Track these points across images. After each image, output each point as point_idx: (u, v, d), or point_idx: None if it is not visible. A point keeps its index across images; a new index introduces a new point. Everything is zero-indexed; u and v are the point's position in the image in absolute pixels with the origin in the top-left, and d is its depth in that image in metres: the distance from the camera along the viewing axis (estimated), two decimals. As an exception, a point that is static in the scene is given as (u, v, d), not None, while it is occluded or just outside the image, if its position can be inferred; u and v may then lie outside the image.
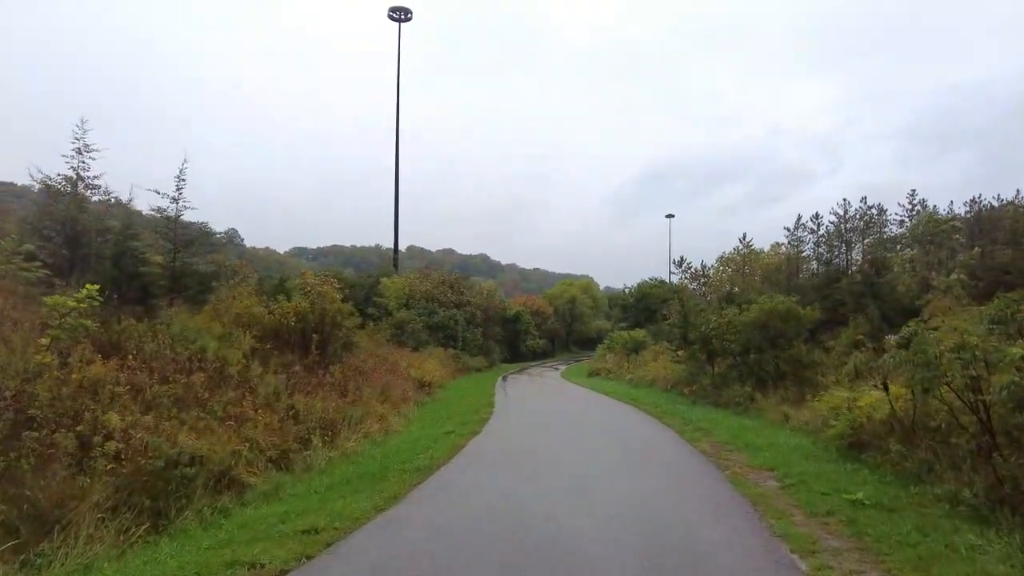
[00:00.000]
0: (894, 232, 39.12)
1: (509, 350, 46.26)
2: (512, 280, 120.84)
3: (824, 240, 44.70)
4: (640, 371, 22.12)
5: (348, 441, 9.98)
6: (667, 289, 50.36)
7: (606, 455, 8.89)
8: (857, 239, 42.43)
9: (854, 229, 42.03)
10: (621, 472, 7.74)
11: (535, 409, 15.01)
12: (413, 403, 15.97)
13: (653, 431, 11.32)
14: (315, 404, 10.00)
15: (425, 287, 34.09)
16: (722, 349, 15.13)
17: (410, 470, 7.94)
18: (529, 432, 11.26)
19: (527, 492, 6.68)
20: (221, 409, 8.44)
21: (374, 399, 13.36)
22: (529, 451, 9.30)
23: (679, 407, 14.27)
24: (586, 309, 64.73)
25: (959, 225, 25.05)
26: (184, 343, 9.75)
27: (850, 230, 42.03)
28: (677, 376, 17.80)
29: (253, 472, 7.68)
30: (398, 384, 15.95)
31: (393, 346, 24.42)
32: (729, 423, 11.65)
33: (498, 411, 14.12)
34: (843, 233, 42.32)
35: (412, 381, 17.57)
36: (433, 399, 17.83)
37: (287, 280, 16.33)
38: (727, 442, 9.79)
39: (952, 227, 25.54)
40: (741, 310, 15.27)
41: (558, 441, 10.09)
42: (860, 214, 42.14)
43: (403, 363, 18.52)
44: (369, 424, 11.50)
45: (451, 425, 12.06)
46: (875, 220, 41.41)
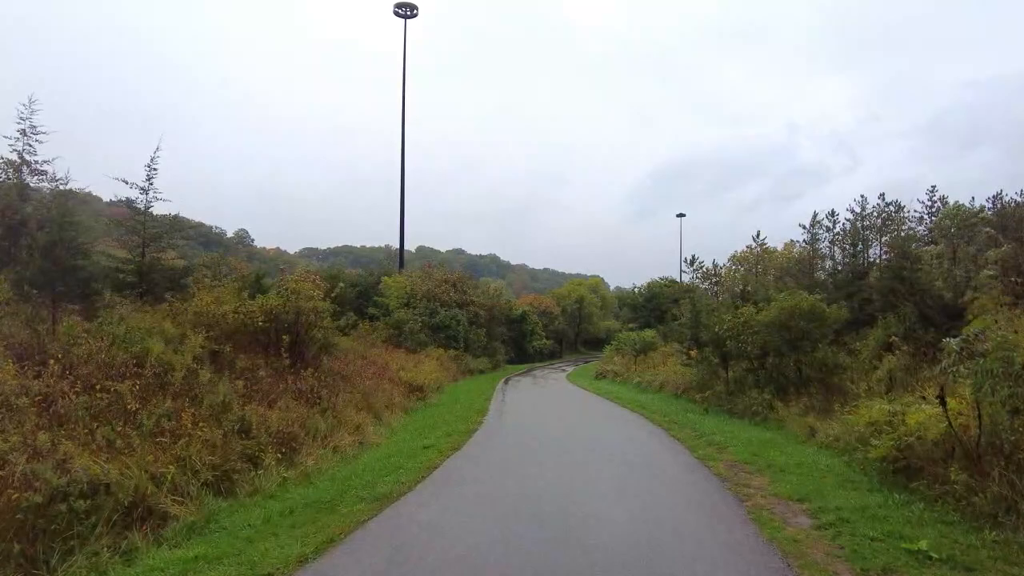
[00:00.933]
0: (914, 229, 37.57)
1: (515, 351, 44.90)
2: (521, 280, 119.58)
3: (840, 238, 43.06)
4: (649, 374, 20.66)
5: (309, 458, 8.71)
6: (678, 288, 48.74)
7: (603, 480, 7.49)
8: (875, 237, 40.75)
9: (872, 227, 40.41)
10: (619, 506, 6.36)
11: (530, 418, 13.63)
12: (401, 410, 14.69)
13: (661, 447, 9.90)
14: (271, 415, 8.72)
15: (427, 286, 32.83)
16: (737, 351, 13.67)
17: (367, 499, 6.63)
18: (516, 448, 9.88)
19: (495, 536, 5.32)
20: (153, 423, 7.19)
21: (352, 407, 12.09)
22: (511, 474, 7.93)
23: (690, 416, 12.84)
24: (595, 309, 63.15)
25: (990, 217, 23.33)
26: (126, 346, 8.53)
27: (868, 227, 40.43)
28: (688, 380, 16.34)
29: (180, 500, 6.42)
30: (384, 390, 14.67)
31: (389, 347, 23.21)
32: (746, 436, 10.22)
33: (490, 420, 12.80)
34: (860, 231, 40.71)
35: (403, 385, 16.29)
36: (426, 405, 16.54)
37: (263, 277, 15.12)
38: (746, 461, 8.38)
39: (981, 219, 23.86)
40: (758, 309, 13.80)
41: (548, 461, 8.70)
42: (878, 211, 40.51)
43: (394, 366, 17.25)
44: (341, 436, 10.23)
45: (434, 437, 10.75)
46: (894, 217, 39.78)
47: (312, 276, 14.76)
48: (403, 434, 11.75)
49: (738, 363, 14.21)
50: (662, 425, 11.85)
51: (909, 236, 34.01)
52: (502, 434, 11.18)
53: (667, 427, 11.52)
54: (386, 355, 18.82)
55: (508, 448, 9.76)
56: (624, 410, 14.72)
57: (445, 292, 33.16)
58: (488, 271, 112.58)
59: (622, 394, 18.36)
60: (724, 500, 6.52)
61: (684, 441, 10.02)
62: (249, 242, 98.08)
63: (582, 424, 12.67)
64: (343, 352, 15.99)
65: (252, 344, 11.86)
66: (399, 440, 10.96)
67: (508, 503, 6.43)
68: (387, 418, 13.19)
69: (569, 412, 14.93)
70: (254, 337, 11.85)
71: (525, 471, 7.96)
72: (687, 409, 14.06)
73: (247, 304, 11.15)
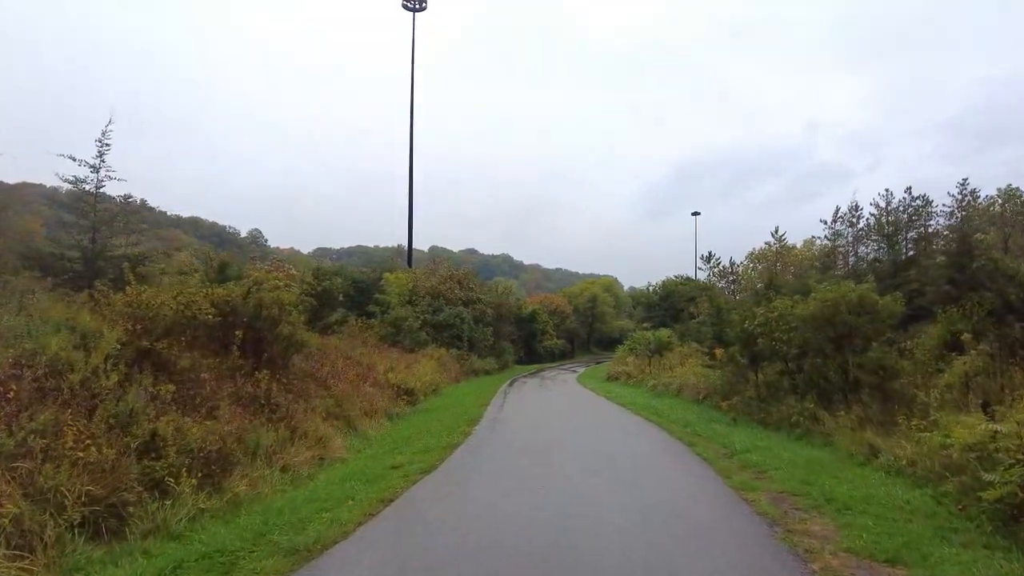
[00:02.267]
0: (941, 224, 35.06)
1: (525, 351, 43.04)
2: (535, 280, 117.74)
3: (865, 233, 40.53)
4: (665, 376, 18.59)
5: (243, 482, 6.89)
6: (694, 286, 46.48)
7: (607, 525, 5.55)
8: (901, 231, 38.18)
9: (897, 222, 37.88)
10: (628, 568, 4.43)
11: (527, 430, 11.68)
12: (385, 417, 12.88)
13: (684, 471, 7.92)
14: (195, 429, 6.90)
15: (430, 283, 31.08)
16: (770, 351, 11.63)
17: (285, 550, 4.79)
18: (501, 472, 7.92)
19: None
20: (15, 441, 5.42)
21: (319, 415, 10.28)
22: (485, 513, 5.97)
23: (716, 427, 10.83)
24: (608, 308, 60.99)
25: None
26: (15, 343, 6.79)
27: (892, 223, 37.90)
28: (710, 384, 14.29)
29: (20, 554, 4.61)
30: (366, 394, 12.86)
31: (384, 347, 21.45)
32: (788, 455, 8.20)
33: (480, 432, 10.91)
34: (884, 226, 38.16)
35: (390, 389, 14.47)
36: (416, 410, 14.71)
37: (228, 266, 13.40)
38: (795, 492, 6.39)
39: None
40: (793, 301, 11.75)
41: (539, 491, 6.77)
42: (904, 206, 37.96)
43: (382, 367, 15.43)
44: (296, 452, 8.41)
45: (409, 453, 8.90)
46: (921, 212, 37.23)
47: (285, 266, 12.98)
48: (376, 447, 9.91)
49: (770, 365, 12.16)
50: (683, 439, 9.86)
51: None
52: (488, 451, 9.26)
53: (690, 442, 9.52)
54: (377, 355, 17.02)
55: (490, 472, 7.82)
56: (638, 419, 12.72)
57: (450, 289, 31.39)
58: (500, 271, 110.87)
59: (636, 399, 16.35)
60: (778, 560, 4.55)
61: (712, 462, 8.02)
62: (263, 242, 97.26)
63: (588, 438, 10.68)
64: (322, 352, 14.23)
65: (209, 342, 10.12)
66: (368, 456, 9.12)
67: (470, 564, 4.52)
68: (364, 427, 11.37)
69: (575, 422, 12.95)
70: (209, 333, 10.10)
71: (505, 509, 6.01)
72: (711, 418, 12.04)
73: (188, 294, 9.36)
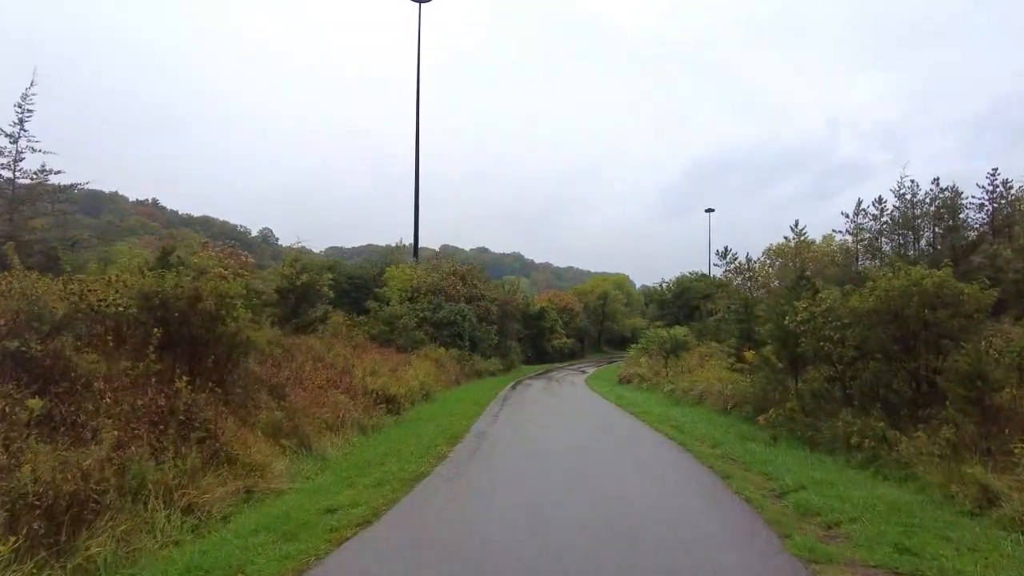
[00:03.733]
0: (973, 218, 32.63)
1: (533, 350, 40.88)
2: (545, 279, 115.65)
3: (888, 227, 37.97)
4: (684, 380, 16.30)
5: (105, 538, 4.86)
6: (709, 283, 44.06)
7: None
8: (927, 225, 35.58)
9: (924, 215, 35.28)
10: None
11: (518, 451, 9.46)
12: (357, 430, 10.84)
13: (721, 518, 5.74)
14: (41, 463, 4.87)
15: (432, 279, 29.04)
16: (816, 353, 9.39)
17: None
18: (469, 523, 5.81)
19: None
20: None
21: (264, 432, 8.26)
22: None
23: (753, 448, 8.62)
24: (620, 306, 58.57)
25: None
26: None
27: (919, 216, 35.30)
28: (740, 392, 12.00)
29: None
30: (334, 404, 10.81)
31: (375, 347, 19.45)
32: (862, 496, 5.97)
33: (458, 455, 8.75)
34: (911, 219, 35.57)
35: (367, 396, 12.41)
36: (398, 421, 12.65)
37: (172, 252, 11.42)
38: (897, 569, 4.21)
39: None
40: (844, 293, 9.51)
41: (513, 555, 4.65)
42: (932, 197, 35.34)
43: (361, 370, 13.38)
44: (211, 485, 6.38)
45: (361, 486, 6.85)
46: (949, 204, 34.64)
47: (241, 253, 10.97)
48: (329, 474, 7.85)
49: (816, 369, 9.93)
50: (715, 467, 7.64)
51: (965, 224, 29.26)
52: (461, 484, 7.14)
53: (725, 472, 7.29)
54: (359, 356, 14.98)
55: (455, 522, 5.70)
56: (655, 435, 10.48)
57: (452, 285, 29.33)
58: (511, 270, 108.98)
59: (651, 407, 14.11)
60: None
61: (760, 507, 5.80)
62: (273, 241, 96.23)
63: (592, 466, 8.35)
64: (289, 354, 12.23)
65: (122, 343, 8.14)
66: (311, 489, 7.05)
67: None
68: (323, 445, 9.31)
69: (578, 440, 10.65)
70: (121, 331, 8.12)
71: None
72: (743, 434, 9.82)
73: (85, 282, 7.37)
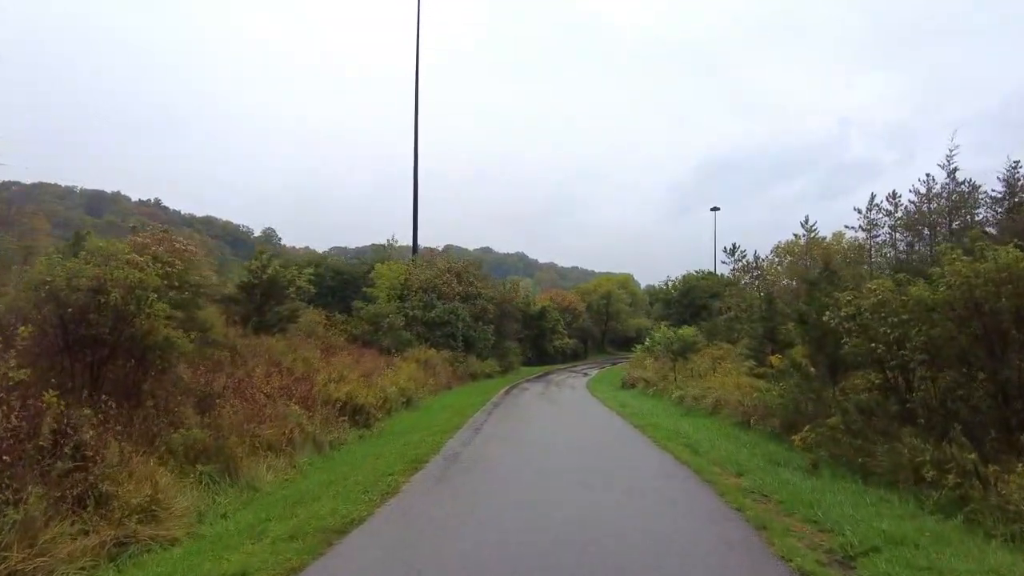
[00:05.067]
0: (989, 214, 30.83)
1: (534, 351, 39.00)
2: (549, 279, 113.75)
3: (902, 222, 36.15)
4: (694, 387, 14.35)
5: None
6: (716, 281, 42.10)
7: None
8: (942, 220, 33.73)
9: (939, 210, 33.41)
10: None
11: (493, 478, 7.62)
12: (313, 449, 9.05)
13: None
14: None
15: (425, 275, 27.23)
16: (865, 356, 7.49)
17: None
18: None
19: None
20: None
21: (172, 456, 6.47)
22: None
23: (788, 479, 6.70)
24: (624, 306, 56.54)
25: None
26: None
27: (935, 211, 33.45)
28: (764, 402, 10.04)
29: None
30: (283, 417, 8.99)
31: (356, 348, 17.67)
32: (965, 570, 4.10)
33: (415, 488, 6.85)
34: (926, 214, 33.71)
35: (329, 406, 10.60)
36: (368, 435, 10.83)
37: (84, 236, 9.64)
38: None
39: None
40: (898, 282, 7.59)
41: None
42: (948, 192, 33.47)
43: (324, 376, 11.56)
44: (61, 536, 4.57)
45: (270, 539, 4.99)
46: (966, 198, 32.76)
47: (176, 240, 9.16)
48: (247, 514, 6.01)
49: (862, 376, 8.03)
50: (745, 508, 5.72)
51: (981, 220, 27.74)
52: (401, 541, 5.27)
53: (758, 518, 5.35)
54: (328, 359, 13.17)
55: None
56: (665, 457, 8.48)
57: (446, 283, 27.51)
58: (515, 269, 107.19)
59: (659, 418, 12.20)
60: None
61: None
62: (276, 241, 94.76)
63: (582, 512, 6.42)
64: (240, 357, 10.46)
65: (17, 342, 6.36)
66: (211, 538, 5.23)
67: None
68: (259, 471, 7.49)
69: (570, 464, 8.66)
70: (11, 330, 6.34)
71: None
72: (773, 457, 7.90)
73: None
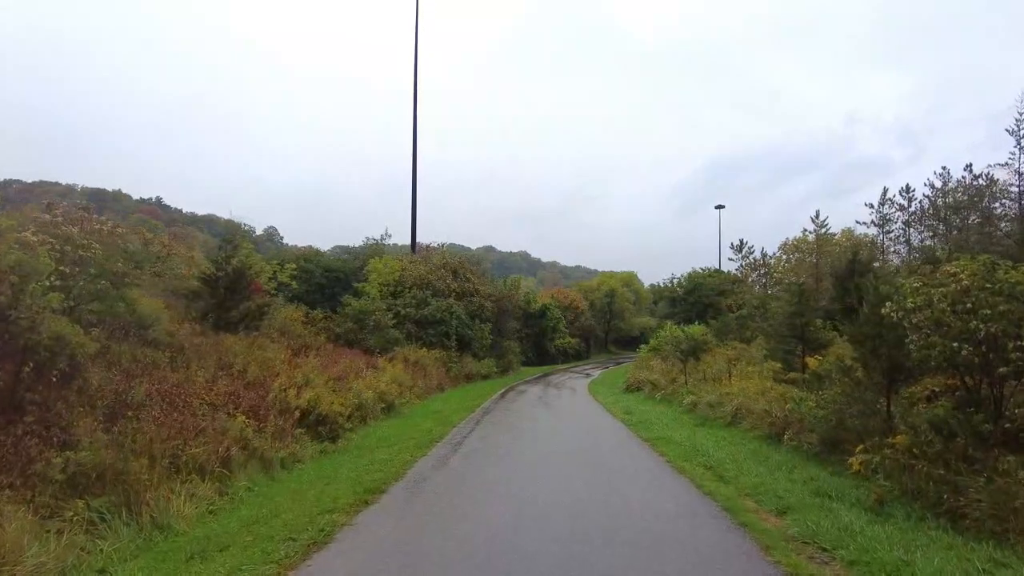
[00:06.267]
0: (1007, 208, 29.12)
1: (534, 350, 37.34)
2: (553, 278, 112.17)
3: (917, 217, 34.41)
4: (709, 391, 12.61)
5: None
6: (723, 278, 40.37)
7: None
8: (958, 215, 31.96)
9: (955, 205, 31.61)
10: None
11: (462, 516, 5.94)
12: (256, 468, 7.44)
13: None
14: None
15: (418, 271, 25.63)
16: (940, 359, 5.80)
17: None
18: None
19: None
20: None
21: (48, 489, 4.87)
22: None
23: (847, 521, 5.02)
24: (628, 304, 54.81)
25: None
26: None
27: (950, 206, 31.65)
28: (802, 414, 8.29)
29: None
30: (212, 433, 7.36)
31: (338, 348, 16.08)
32: None
33: (363, 527, 5.24)
34: (940, 209, 31.92)
35: (286, 417, 8.98)
36: (328, 450, 9.20)
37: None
38: None
39: None
40: (985, 266, 5.91)
41: None
42: (963, 187, 31.66)
43: (281, 381, 9.93)
44: None
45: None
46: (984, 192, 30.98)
47: (89, 217, 7.55)
48: (127, 572, 4.42)
49: (931, 383, 6.35)
50: (797, 571, 4.10)
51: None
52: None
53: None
54: (293, 360, 11.56)
55: None
56: (683, 483, 6.75)
57: (441, 279, 25.88)
58: (518, 268, 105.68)
59: (669, 428, 10.49)
60: None
61: None
62: (278, 239, 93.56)
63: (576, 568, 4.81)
64: (185, 358, 8.86)
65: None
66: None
67: None
68: (174, 503, 5.88)
69: (565, 497, 6.92)
70: None
71: None
72: (818, 487, 6.20)
73: None
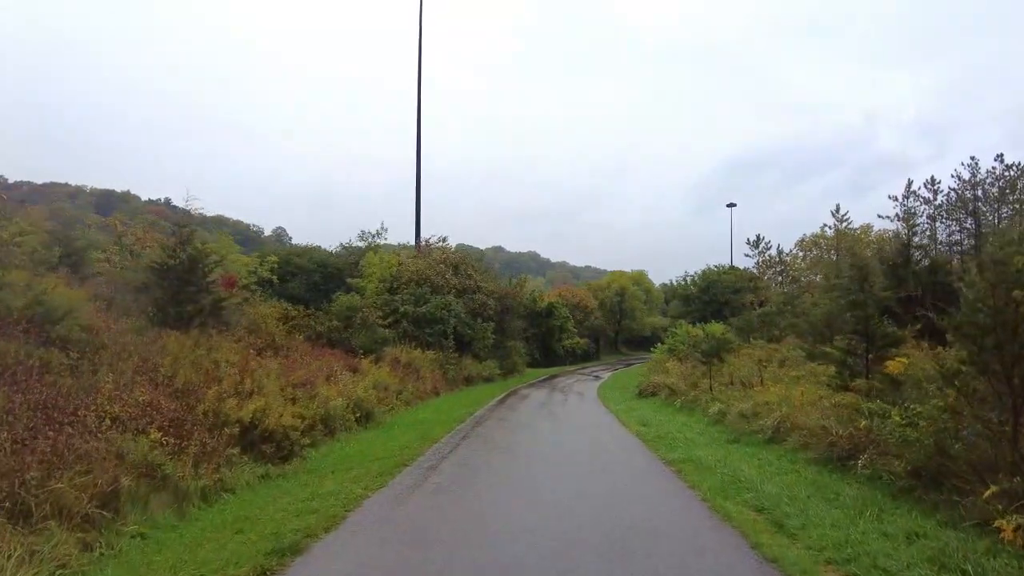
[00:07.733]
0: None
1: (541, 351, 35.45)
2: (562, 277, 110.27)
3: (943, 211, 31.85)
4: (740, 399, 10.64)
5: None
6: (740, 275, 38.27)
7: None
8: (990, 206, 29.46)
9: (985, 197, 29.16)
10: None
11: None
12: (166, 505, 5.64)
13: None
14: None
15: (417, 266, 23.87)
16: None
17: None
18: None
19: None
20: None
21: None
22: None
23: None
24: (638, 303, 52.68)
25: None
26: None
27: (979, 197, 29.17)
28: (874, 433, 6.31)
29: None
30: (99, 460, 5.56)
31: (318, 348, 14.32)
32: None
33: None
34: (968, 201, 29.38)
35: (217, 434, 7.17)
36: (265, 480, 7.34)
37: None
38: None
39: None
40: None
41: None
42: (994, 177, 29.18)
43: (215, 391, 8.11)
44: None
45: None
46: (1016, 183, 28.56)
47: None
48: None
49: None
50: None
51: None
52: None
53: None
54: (248, 362, 9.76)
55: None
56: (729, 535, 4.84)
57: (440, 275, 24.08)
58: (527, 268, 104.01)
59: (697, 447, 8.53)
60: None
61: None
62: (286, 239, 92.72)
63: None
64: (108, 360, 7.10)
65: None
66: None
67: None
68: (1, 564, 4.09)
69: (560, 565, 5.07)
70: None
71: None
72: (931, 550, 4.23)
73: None
